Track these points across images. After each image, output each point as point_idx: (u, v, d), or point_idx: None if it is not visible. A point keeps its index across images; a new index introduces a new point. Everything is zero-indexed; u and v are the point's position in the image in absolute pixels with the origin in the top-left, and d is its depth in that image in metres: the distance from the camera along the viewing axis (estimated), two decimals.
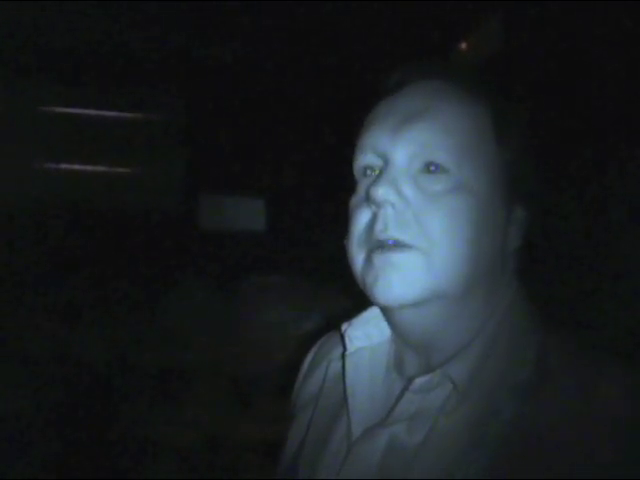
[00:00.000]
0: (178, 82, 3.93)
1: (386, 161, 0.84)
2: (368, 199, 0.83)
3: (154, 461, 2.80)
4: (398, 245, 0.81)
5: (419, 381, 0.82)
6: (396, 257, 0.80)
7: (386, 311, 0.88)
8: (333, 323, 1.02)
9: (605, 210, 1.88)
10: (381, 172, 0.84)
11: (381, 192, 0.80)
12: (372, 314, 0.94)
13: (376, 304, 0.87)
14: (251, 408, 2.83)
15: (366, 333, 0.94)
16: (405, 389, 0.84)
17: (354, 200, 0.89)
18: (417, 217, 0.81)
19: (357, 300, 0.90)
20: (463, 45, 2.70)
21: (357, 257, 0.86)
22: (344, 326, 0.96)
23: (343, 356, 0.94)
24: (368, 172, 0.87)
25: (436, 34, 2.76)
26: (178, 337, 3.31)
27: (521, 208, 0.86)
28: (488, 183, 0.83)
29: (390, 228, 0.81)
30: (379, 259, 0.82)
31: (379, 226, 0.81)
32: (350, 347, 0.93)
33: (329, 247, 0.94)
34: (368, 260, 0.83)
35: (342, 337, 0.95)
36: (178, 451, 2.78)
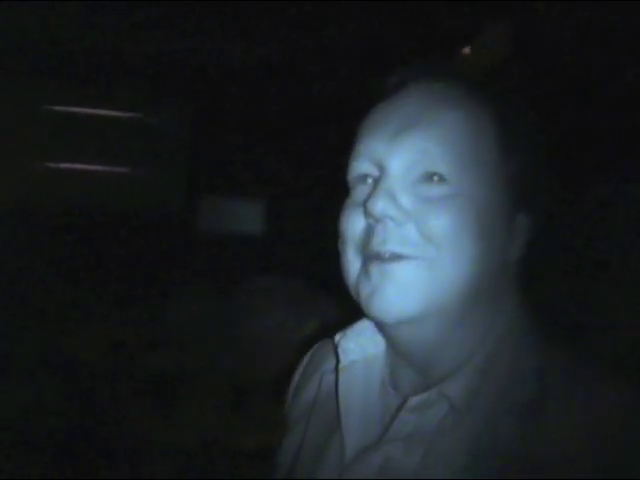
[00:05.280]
0: (179, 84, 3.92)
1: (382, 170, 0.80)
2: (365, 211, 0.79)
3: (151, 464, 2.78)
4: (398, 257, 0.77)
5: (415, 400, 0.79)
6: (396, 269, 0.77)
7: (381, 325, 0.84)
8: (333, 328, 1.00)
9: (609, 218, 1.87)
10: (377, 182, 0.80)
11: (380, 206, 0.76)
12: (366, 325, 0.90)
13: (371, 319, 0.84)
14: (249, 413, 2.81)
15: (360, 345, 0.90)
16: (400, 408, 0.81)
17: (348, 205, 0.84)
18: (419, 226, 0.77)
19: (357, 305, 0.88)
20: (467, 50, 2.69)
21: (352, 266, 0.82)
22: (337, 337, 0.92)
23: (336, 369, 0.90)
24: (364, 180, 0.83)
25: (440, 39, 2.75)
26: (176, 340, 3.29)
27: (524, 217, 0.83)
28: (490, 192, 0.79)
29: (389, 241, 0.77)
30: (377, 271, 0.78)
31: (377, 239, 0.78)
32: (343, 360, 0.89)
33: (329, 251, 0.92)
34: (364, 271, 0.80)
35: (335, 348, 0.91)
36: (175, 455, 2.77)
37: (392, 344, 0.86)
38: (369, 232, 0.79)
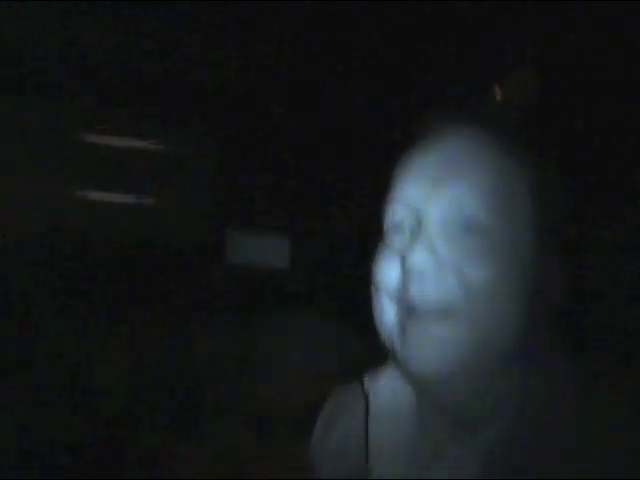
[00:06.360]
0: (207, 115, 3.95)
1: (420, 219, 0.77)
2: (402, 263, 0.77)
3: None
4: (438, 314, 0.74)
5: (450, 451, 0.76)
6: (436, 328, 0.74)
7: (415, 379, 0.80)
8: (357, 364, 0.99)
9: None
10: (414, 232, 0.78)
11: (419, 261, 0.74)
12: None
13: (405, 374, 0.81)
14: (272, 446, 2.79)
15: (391, 388, 0.87)
16: (434, 459, 0.78)
17: (384, 253, 0.82)
18: (459, 279, 0.74)
19: (383, 342, 0.87)
20: (497, 94, 2.70)
21: (386, 316, 0.80)
22: (366, 379, 0.90)
23: (366, 411, 0.87)
24: (401, 227, 0.80)
25: (469, 82, 2.77)
26: (199, 372, 3.29)
27: (560, 261, 0.81)
28: (529, 240, 0.77)
29: (427, 296, 0.74)
30: (414, 328, 0.75)
31: (415, 292, 0.75)
32: (373, 404, 0.87)
33: (355, 286, 0.91)
34: (400, 324, 0.77)
35: (364, 391, 0.89)
36: None
37: (424, 393, 0.83)
38: (406, 284, 0.77)
